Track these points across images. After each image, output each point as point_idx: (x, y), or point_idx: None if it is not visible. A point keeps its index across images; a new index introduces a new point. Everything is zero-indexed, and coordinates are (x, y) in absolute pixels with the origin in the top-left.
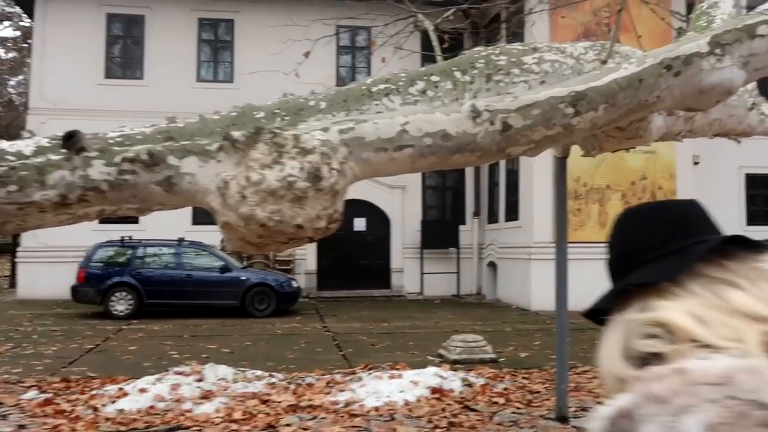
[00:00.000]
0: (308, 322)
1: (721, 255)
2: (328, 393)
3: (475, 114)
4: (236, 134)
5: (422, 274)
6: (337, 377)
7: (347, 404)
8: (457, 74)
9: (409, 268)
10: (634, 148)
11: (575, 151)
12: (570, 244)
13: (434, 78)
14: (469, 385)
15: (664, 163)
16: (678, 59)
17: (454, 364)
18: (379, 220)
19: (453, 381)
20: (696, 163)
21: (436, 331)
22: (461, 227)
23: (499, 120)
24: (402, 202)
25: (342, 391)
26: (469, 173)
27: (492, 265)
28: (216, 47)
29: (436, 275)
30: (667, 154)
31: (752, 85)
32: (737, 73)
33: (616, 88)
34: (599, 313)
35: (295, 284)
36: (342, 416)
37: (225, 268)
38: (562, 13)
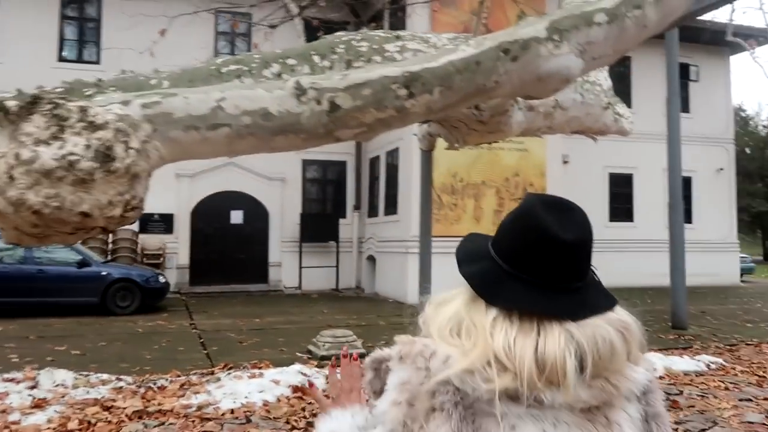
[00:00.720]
0: (175, 320)
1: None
2: (182, 396)
3: (300, 92)
4: (10, 103)
5: (301, 268)
6: (194, 378)
7: (200, 407)
8: (316, 58)
9: (287, 262)
10: (496, 141)
11: (450, 147)
12: (445, 238)
13: (291, 61)
14: None
15: (535, 161)
16: (516, 43)
17: (322, 360)
18: (257, 212)
19: (316, 378)
20: (565, 162)
21: (310, 327)
22: (341, 221)
23: (327, 99)
24: (281, 195)
25: (197, 393)
26: (350, 166)
27: (371, 259)
28: (81, 25)
29: (315, 269)
30: (538, 153)
31: (608, 85)
32: (574, 61)
33: (453, 71)
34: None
35: (162, 279)
36: (193, 421)
37: (83, 263)
38: (435, 7)
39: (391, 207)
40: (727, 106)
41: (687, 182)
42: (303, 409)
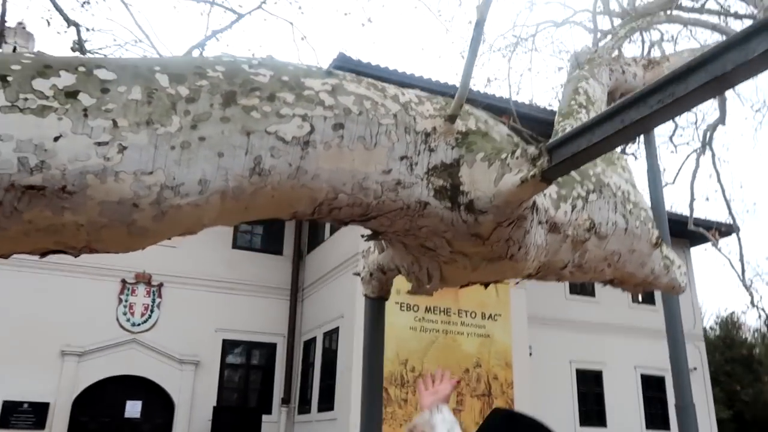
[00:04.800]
0: None
1: None
2: None
3: None
4: None
5: None
6: None
7: None
8: (164, 81)
9: None
10: (498, 281)
11: (416, 290)
12: None
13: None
14: None
15: (499, 349)
16: None
17: None
18: (160, 404)
19: None
20: (529, 354)
21: None
22: (265, 417)
23: None
24: (193, 382)
25: None
26: (281, 350)
27: None
28: None
29: None
30: (503, 340)
31: (651, 214)
32: None
33: None
34: None
35: None
36: None
37: None
38: None
39: (327, 401)
40: (693, 301)
41: (660, 383)
42: None
